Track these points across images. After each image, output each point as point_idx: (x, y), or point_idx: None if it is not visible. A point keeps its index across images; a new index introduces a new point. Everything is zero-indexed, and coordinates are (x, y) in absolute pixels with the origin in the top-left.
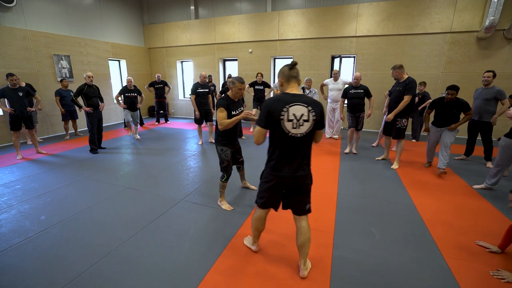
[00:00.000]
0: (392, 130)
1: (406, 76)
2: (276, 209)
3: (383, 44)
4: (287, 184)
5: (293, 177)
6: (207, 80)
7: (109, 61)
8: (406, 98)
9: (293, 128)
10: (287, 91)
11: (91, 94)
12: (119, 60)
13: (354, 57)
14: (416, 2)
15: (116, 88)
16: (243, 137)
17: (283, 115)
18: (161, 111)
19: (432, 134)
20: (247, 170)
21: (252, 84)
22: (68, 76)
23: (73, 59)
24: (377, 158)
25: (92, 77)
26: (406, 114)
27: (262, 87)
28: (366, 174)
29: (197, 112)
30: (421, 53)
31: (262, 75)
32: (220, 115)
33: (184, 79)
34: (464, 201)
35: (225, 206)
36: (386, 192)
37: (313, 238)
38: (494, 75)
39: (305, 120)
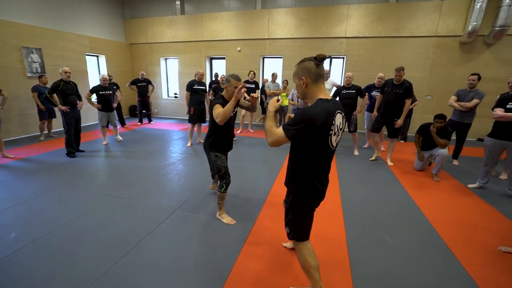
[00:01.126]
0: (389, 129)
1: (403, 79)
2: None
3: (372, 46)
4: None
5: (323, 194)
6: (203, 78)
7: (87, 57)
8: (409, 101)
9: (335, 141)
10: (320, 97)
11: (68, 91)
12: (97, 56)
13: (343, 58)
14: (404, 6)
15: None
16: (234, 138)
17: (332, 129)
18: (144, 111)
19: (425, 156)
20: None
21: (245, 82)
22: (39, 71)
23: (45, 53)
24: (370, 159)
25: (69, 72)
26: (399, 114)
27: (253, 86)
28: (364, 176)
29: (190, 110)
30: (408, 55)
31: (254, 74)
32: (216, 111)
33: (168, 77)
34: (462, 200)
35: (227, 219)
36: (387, 194)
37: (328, 247)
38: (479, 78)
39: (341, 130)
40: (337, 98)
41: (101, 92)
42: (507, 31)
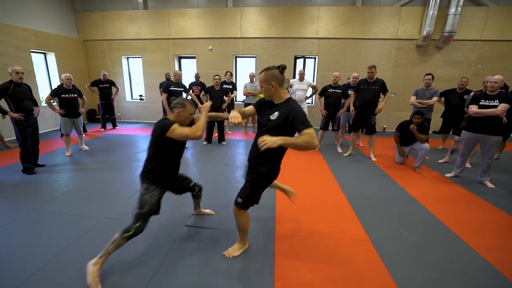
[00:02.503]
0: (367, 127)
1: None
2: None
3: (342, 47)
4: None
5: None
6: (181, 79)
7: (32, 54)
8: (388, 95)
9: None
10: (288, 97)
11: (21, 95)
12: (45, 53)
13: (315, 58)
14: (369, 10)
15: (43, 87)
16: (223, 142)
17: None
18: (107, 115)
19: (405, 151)
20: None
21: (221, 84)
22: None
23: None
24: (344, 155)
25: (22, 73)
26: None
27: (230, 87)
28: (357, 173)
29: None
30: (374, 56)
31: (231, 74)
32: (181, 131)
33: (131, 77)
34: (445, 189)
35: (94, 279)
36: (386, 189)
37: (356, 249)
38: (433, 78)
39: None
40: (323, 97)
41: (64, 95)
42: (454, 37)
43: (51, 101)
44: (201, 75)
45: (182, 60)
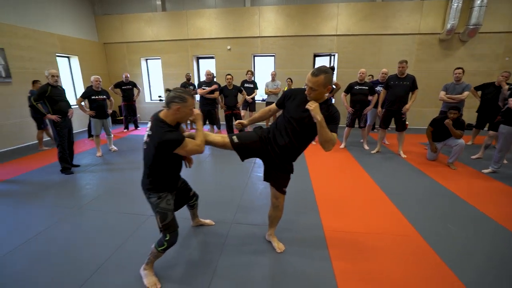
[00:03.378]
0: (397, 123)
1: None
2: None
3: (362, 43)
4: None
5: None
6: (211, 77)
7: (57, 58)
8: (416, 93)
9: None
10: (324, 96)
11: (57, 98)
12: (68, 57)
13: (333, 55)
14: (390, 5)
15: (67, 91)
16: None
17: None
18: (130, 116)
19: (438, 147)
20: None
21: (242, 83)
22: (3, 75)
23: (9, 53)
24: (372, 152)
25: (57, 76)
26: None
27: (252, 86)
28: (390, 170)
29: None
30: (394, 52)
31: (252, 73)
32: (191, 148)
33: (150, 79)
34: (485, 184)
35: (150, 280)
36: (422, 185)
37: (408, 245)
38: (463, 71)
39: None
40: (349, 94)
41: (93, 97)
42: (479, 29)
43: (82, 103)
44: (219, 74)
45: (201, 60)
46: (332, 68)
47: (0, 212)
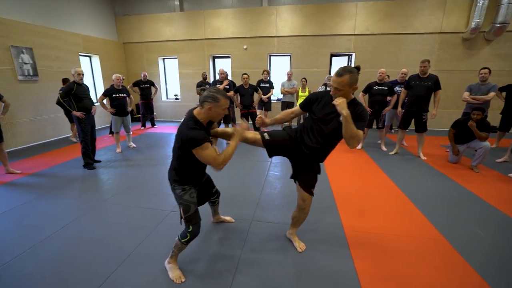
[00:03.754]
0: (417, 124)
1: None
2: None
3: (380, 43)
4: None
5: None
6: (225, 76)
7: (80, 57)
8: (439, 94)
9: None
10: (350, 96)
11: (82, 95)
12: (90, 56)
13: (351, 55)
14: (411, 3)
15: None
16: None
17: None
18: (147, 114)
19: (460, 149)
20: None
21: (258, 82)
22: (31, 73)
23: (36, 53)
24: (390, 153)
25: (83, 74)
26: (427, 108)
27: (268, 85)
28: (408, 172)
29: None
30: (414, 51)
31: (268, 73)
32: (207, 154)
33: (166, 78)
34: (509, 188)
35: (175, 273)
36: (445, 188)
37: (435, 248)
38: (490, 72)
39: None
40: (367, 94)
41: (114, 95)
42: (507, 28)
43: (103, 101)
44: (235, 74)
45: (216, 60)
46: (358, 68)
47: (31, 203)
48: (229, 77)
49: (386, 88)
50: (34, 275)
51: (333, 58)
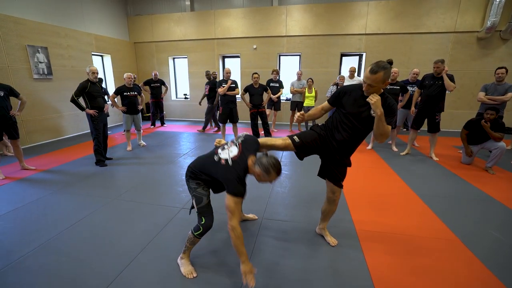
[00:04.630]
0: (430, 124)
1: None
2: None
3: (392, 42)
4: None
5: None
6: (229, 75)
7: (93, 56)
8: (454, 85)
9: None
10: (380, 91)
11: (96, 93)
12: (102, 55)
13: (361, 54)
14: (424, 2)
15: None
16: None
17: None
18: (157, 113)
19: (473, 150)
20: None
21: (268, 82)
22: (46, 72)
23: (51, 52)
24: (401, 154)
25: (97, 73)
26: (441, 107)
27: (277, 85)
28: (420, 172)
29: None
30: (427, 51)
31: (277, 72)
32: (234, 208)
33: (176, 77)
34: None
35: (186, 269)
36: (458, 190)
37: (449, 249)
38: (507, 71)
39: None
40: None
41: (125, 93)
42: None
43: (115, 99)
44: (244, 73)
45: (226, 59)
46: (390, 62)
47: (46, 199)
48: (238, 77)
49: (399, 87)
50: (48, 270)
51: (343, 58)
